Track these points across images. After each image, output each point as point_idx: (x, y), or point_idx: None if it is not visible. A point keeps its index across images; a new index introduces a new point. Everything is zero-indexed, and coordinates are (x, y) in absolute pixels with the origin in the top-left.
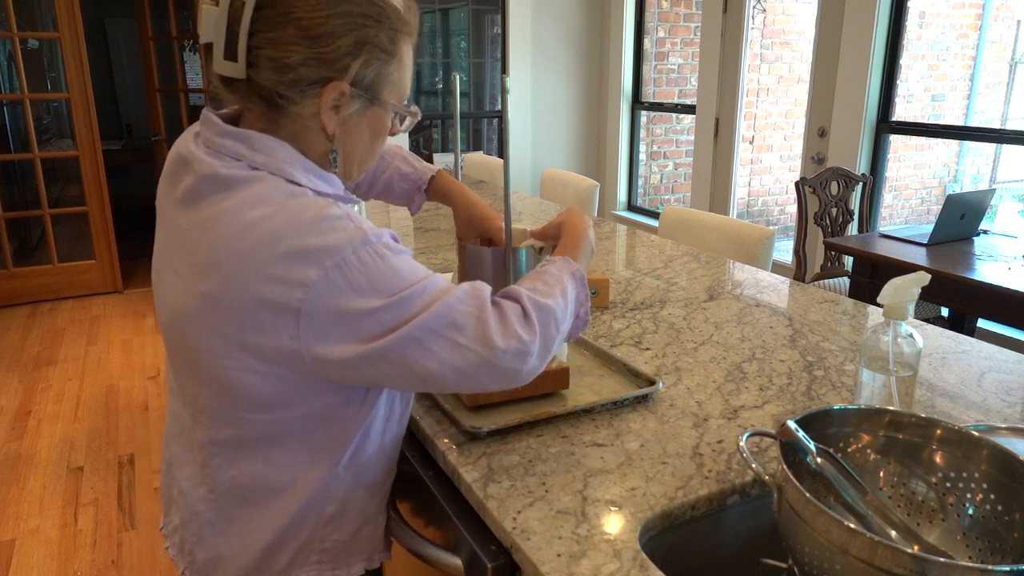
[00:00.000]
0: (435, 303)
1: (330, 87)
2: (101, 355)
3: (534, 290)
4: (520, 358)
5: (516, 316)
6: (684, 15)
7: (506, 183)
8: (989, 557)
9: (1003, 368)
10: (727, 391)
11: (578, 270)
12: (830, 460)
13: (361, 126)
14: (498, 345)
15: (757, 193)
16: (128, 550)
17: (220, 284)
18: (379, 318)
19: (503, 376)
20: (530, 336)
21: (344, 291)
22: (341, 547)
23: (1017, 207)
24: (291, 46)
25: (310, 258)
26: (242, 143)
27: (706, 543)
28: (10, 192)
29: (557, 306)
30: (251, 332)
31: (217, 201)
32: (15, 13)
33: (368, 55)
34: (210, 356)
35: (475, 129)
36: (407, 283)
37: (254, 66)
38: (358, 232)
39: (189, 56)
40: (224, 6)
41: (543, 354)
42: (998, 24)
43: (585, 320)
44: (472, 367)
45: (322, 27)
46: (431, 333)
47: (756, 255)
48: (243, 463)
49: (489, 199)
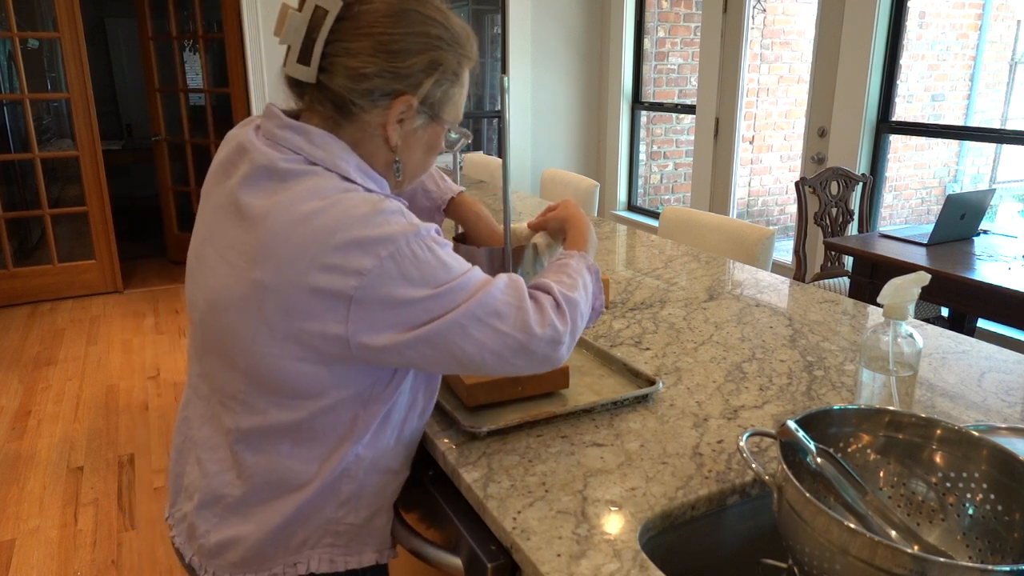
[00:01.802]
0: (479, 292)
1: (400, 100)
2: (101, 355)
3: (560, 283)
4: (553, 345)
5: (551, 306)
6: (684, 15)
7: (505, 183)
8: (989, 557)
9: (1003, 368)
10: (727, 391)
11: (593, 265)
12: (830, 460)
13: (420, 141)
14: (536, 332)
15: (757, 193)
16: (128, 550)
17: (273, 273)
18: (427, 306)
19: (537, 361)
20: (563, 326)
21: (396, 280)
22: (354, 532)
23: (1017, 207)
24: (369, 57)
25: (366, 248)
26: (302, 137)
27: (706, 543)
28: (10, 192)
29: (581, 299)
30: (299, 319)
31: (272, 192)
32: (15, 13)
33: (440, 75)
34: (252, 343)
35: (475, 129)
36: (454, 275)
37: (327, 71)
38: (411, 226)
39: (189, 56)
40: (307, 12)
41: (571, 343)
42: (998, 24)
43: (599, 311)
44: (510, 352)
45: (400, 43)
46: (475, 320)
47: (756, 255)
48: (271, 447)
49: (489, 199)
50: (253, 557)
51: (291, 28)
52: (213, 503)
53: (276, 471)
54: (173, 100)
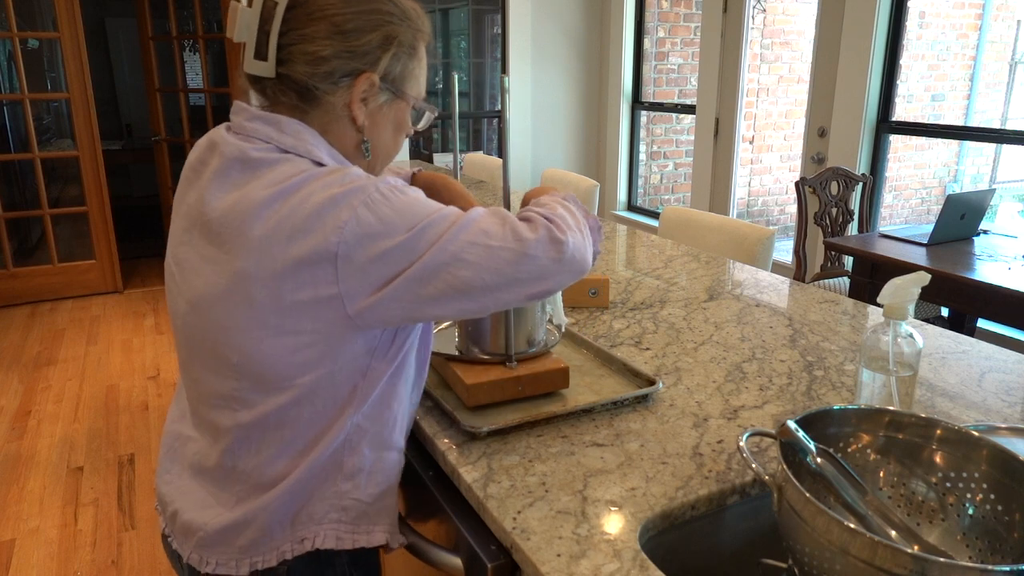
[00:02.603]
0: (459, 219)
1: (361, 79)
2: (101, 355)
3: (534, 209)
4: (556, 245)
5: (539, 217)
6: (684, 15)
7: (505, 183)
8: (989, 557)
9: (1003, 368)
10: (727, 391)
11: (559, 195)
12: (830, 460)
13: (387, 118)
14: (527, 236)
15: (757, 193)
16: (128, 550)
17: (256, 258)
18: (412, 244)
19: (545, 265)
20: (557, 229)
21: (374, 225)
22: (362, 509)
23: (1017, 207)
24: (324, 40)
25: (338, 203)
26: (271, 126)
27: (706, 543)
28: (10, 192)
29: (566, 214)
30: (290, 293)
31: (245, 182)
32: (15, 13)
33: (396, 49)
34: (245, 331)
35: (475, 129)
36: (430, 210)
37: (286, 62)
38: (376, 179)
39: (189, 56)
40: (257, 7)
41: (579, 242)
42: (998, 24)
43: (599, 227)
44: (511, 265)
45: (353, 23)
46: (462, 243)
47: (756, 255)
48: (273, 439)
49: (489, 199)
50: (260, 538)
51: (243, 25)
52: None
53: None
54: (173, 100)
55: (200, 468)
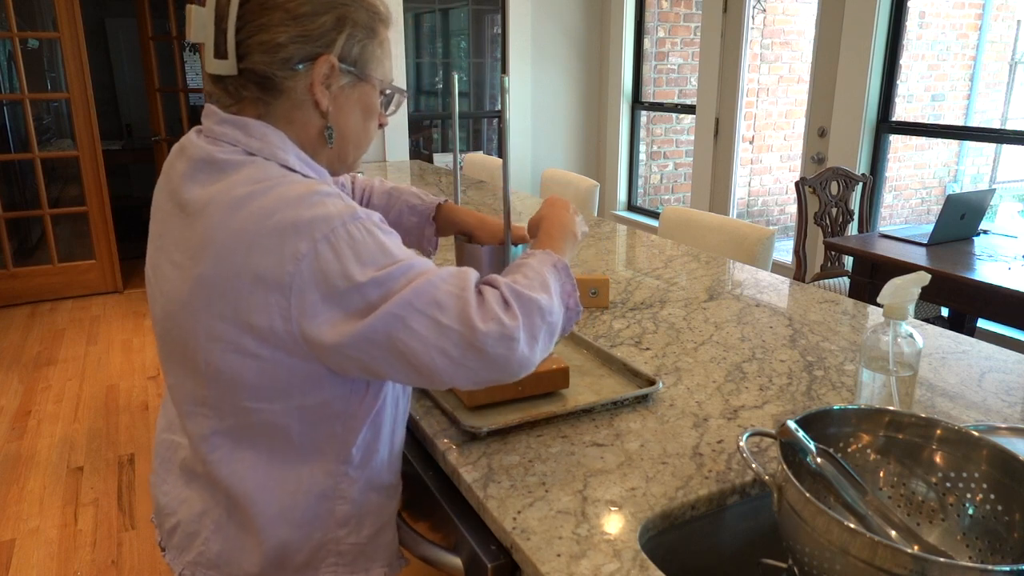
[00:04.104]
0: (418, 279)
1: (320, 61)
2: (101, 355)
3: (514, 282)
4: (505, 343)
5: (495, 300)
6: (684, 15)
7: (505, 183)
8: (989, 557)
9: (1003, 368)
10: (727, 391)
11: (559, 261)
12: (830, 460)
13: (352, 102)
14: (479, 326)
15: (757, 193)
16: (128, 550)
17: (214, 264)
18: (364, 293)
19: (492, 364)
20: (511, 321)
21: (331, 263)
22: (359, 550)
23: (1017, 207)
24: (278, 27)
25: (300, 231)
26: (239, 130)
27: (706, 543)
28: (10, 192)
29: (540, 297)
30: (246, 312)
31: (210, 183)
32: (15, 13)
33: (351, 29)
34: (208, 341)
35: (475, 129)
36: (393, 259)
37: (245, 57)
38: (348, 208)
39: (189, 56)
40: (211, 5)
41: (531, 343)
42: (998, 24)
43: (577, 311)
44: (457, 350)
45: (304, 7)
46: (413, 310)
47: (756, 255)
48: (246, 454)
49: (489, 199)
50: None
51: (199, 25)
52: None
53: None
54: (173, 100)
55: (192, 474)
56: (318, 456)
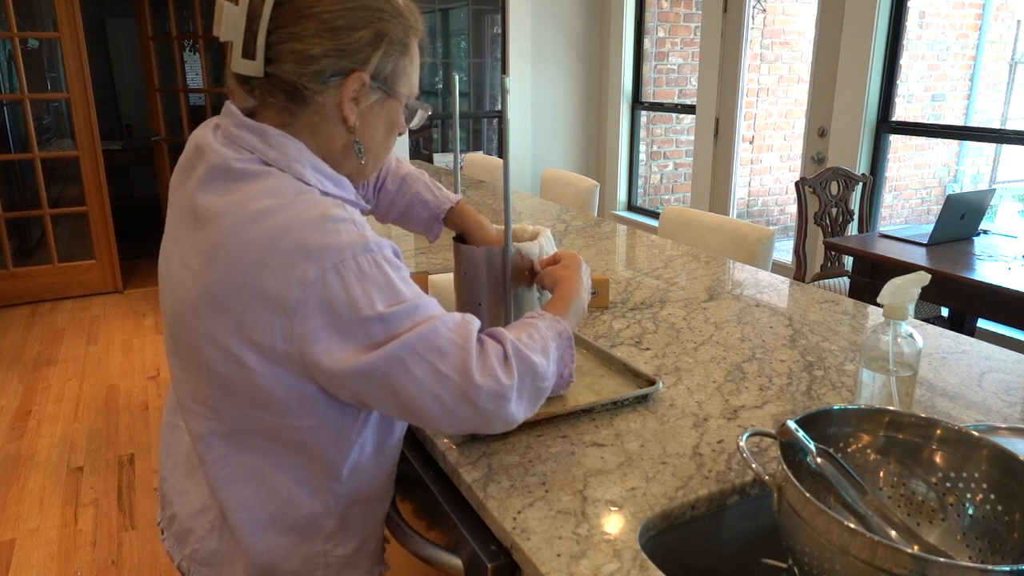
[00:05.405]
0: (423, 324)
1: (352, 78)
2: (101, 355)
3: (519, 340)
4: (497, 400)
5: (497, 356)
6: (684, 15)
7: (506, 183)
8: (989, 557)
9: (1003, 368)
10: (727, 391)
11: (565, 330)
12: (830, 460)
13: (379, 118)
14: (476, 380)
15: (757, 193)
16: (128, 550)
17: (223, 274)
18: (368, 328)
19: (481, 417)
20: (508, 380)
21: (339, 294)
22: (345, 562)
23: (1017, 207)
24: (313, 39)
25: (310, 256)
26: (258, 137)
27: (706, 543)
28: (10, 192)
29: (539, 362)
30: (250, 328)
31: (226, 192)
32: (15, 13)
33: (387, 47)
34: (212, 347)
35: (475, 129)
36: (400, 299)
37: (274, 61)
38: (360, 238)
39: (189, 56)
40: (244, 5)
41: (520, 403)
42: (998, 24)
43: (568, 380)
44: (451, 398)
45: (342, 19)
46: (415, 354)
47: (756, 255)
48: (242, 459)
49: (489, 199)
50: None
51: (230, 23)
52: (201, 511)
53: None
54: (173, 100)
55: (192, 466)
56: (309, 472)
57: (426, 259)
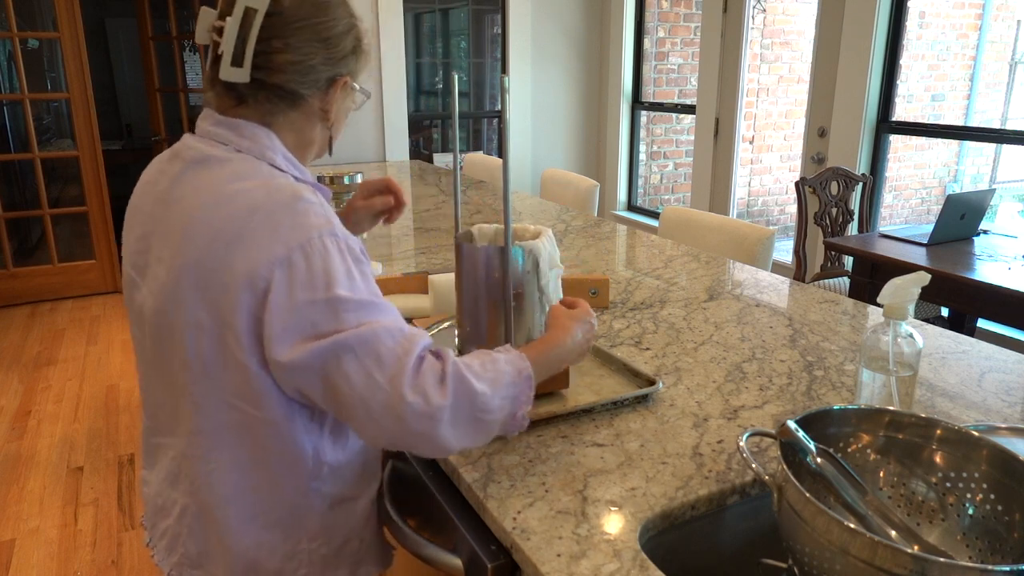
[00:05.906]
0: (368, 326)
1: (339, 82)
2: (101, 355)
3: (468, 365)
4: (426, 421)
5: (433, 375)
6: (684, 15)
7: (505, 183)
8: (989, 557)
9: (1003, 368)
10: (727, 391)
11: (527, 370)
12: (830, 460)
13: (344, 111)
14: (405, 395)
15: (757, 193)
16: (128, 550)
17: (195, 254)
18: (318, 315)
19: (410, 435)
20: (439, 400)
21: (301, 273)
22: (327, 560)
23: (1017, 207)
24: (309, 50)
25: (279, 235)
26: (231, 130)
27: (706, 543)
28: (10, 192)
29: (481, 390)
30: (227, 311)
31: (197, 175)
32: (15, 13)
33: (359, 50)
34: (195, 330)
35: (475, 129)
36: (356, 291)
37: (264, 69)
38: (327, 223)
39: (189, 56)
40: (237, 17)
41: (454, 429)
42: (998, 24)
43: (521, 423)
44: (378, 408)
45: (332, 29)
46: (352, 354)
47: (756, 255)
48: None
49: (489, 199)
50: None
51: (229, 35)
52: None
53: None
54: (173, 100)
55: (175, 476)
56: (289, 467)
57: (426, 259)
